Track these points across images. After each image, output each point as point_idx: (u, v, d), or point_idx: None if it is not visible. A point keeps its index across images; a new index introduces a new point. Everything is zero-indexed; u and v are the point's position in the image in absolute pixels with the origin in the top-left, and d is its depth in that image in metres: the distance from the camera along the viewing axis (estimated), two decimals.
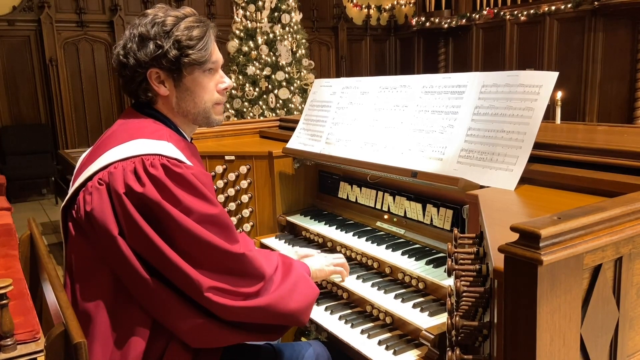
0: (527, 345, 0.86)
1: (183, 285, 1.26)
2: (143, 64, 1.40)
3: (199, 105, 1.49)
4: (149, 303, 1.28)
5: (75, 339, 1.06)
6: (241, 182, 2.40)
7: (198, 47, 1.42)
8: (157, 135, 1.39)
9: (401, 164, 1.79)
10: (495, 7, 8.69)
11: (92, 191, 1.29)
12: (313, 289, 1.50)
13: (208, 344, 1.35)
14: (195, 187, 1.29)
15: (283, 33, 6.47)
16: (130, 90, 1.47)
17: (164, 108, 1.49)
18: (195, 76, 1.45)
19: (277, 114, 6.36)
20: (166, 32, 1.40)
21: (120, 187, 1.25)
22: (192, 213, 1.25)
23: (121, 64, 1.44)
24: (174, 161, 1.30)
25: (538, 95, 1.50)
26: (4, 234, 3.61)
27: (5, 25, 7.48)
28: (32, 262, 1.79)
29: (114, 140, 1.38)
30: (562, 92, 3.41)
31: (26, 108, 7.76)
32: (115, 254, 1.25)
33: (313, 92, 2.42)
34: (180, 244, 1.24)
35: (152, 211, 1.24)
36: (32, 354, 2.06)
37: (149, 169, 1.27)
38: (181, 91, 1.46)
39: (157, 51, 1.39)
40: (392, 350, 1.48)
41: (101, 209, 1.26)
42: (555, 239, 0.84)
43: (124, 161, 1.29)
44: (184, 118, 1.51)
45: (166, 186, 1.25)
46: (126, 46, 1.42)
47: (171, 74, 1.43)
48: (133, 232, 1.24)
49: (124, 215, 1.24)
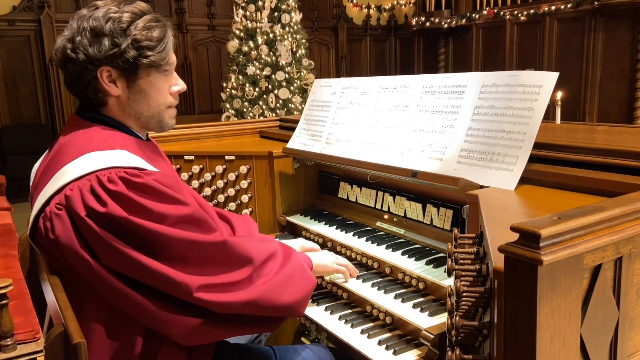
0: (527, 345, 0.86)
1: (171, 291, 1.21)
2: (95, 61, 1.30)
3: (152, 108, 1.41)
4: (138, 315, 1.24)
5: (74, 339, 1.06)
6: (241, 182, 2.40)
7: (158, 49, 1.35)
8: (108, 144, 1.29)
9: (401, 164, 1.79)
10: (495, 7, 8.69)
11: (52, 217, 1.20)
12: (310, 279, 1.45)
13: (202, 341, 1.32)
14: (161, 192, 1.21)
15: (283, 33, 6.48)
16: (77, 88, 1.36)
17: (114, 109, 1.39)
18: (150, 78, 1.37)
19: (277, 114, 6.37)
20: (122, 30, 1.31)
21: (80, 210, 1.17)
22: (167, 219, 1.20)
23: (67, 59, 1.32)
24: (133, 171, 1.22)
25: (538, 95, 1.50)
26: (4, 233, 3.61)
27: (5, 25, 7.48)
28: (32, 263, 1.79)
29: (64, 156, 1.28)
30: (562, 92, 3.41)
31: (26, 108, 7.77)
32: (92, 276, 1.20)
33: (313, 92, 2.42)
34: (162, 251, 1.19)
35: (121, 227, 1.17)
36: (32, 354, 2.07)
37: (107, 186, 1.19)
38: (134, 92, 1.37)
39: (113, 49, 1.30)
40: (392, 350, 1.48)
41: (65, 235, 1.18)
42: (555, 239, 0.84)
43: (78, 180, 1.21)
44: (136, 121, 1.42)
45: (132, 199, 1.18)
46: (74, 39, 1.31)
47: (124, 74, 1.34)
48: (105, 251, 1.18)
49: (91, 237, 1.17)
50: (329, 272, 1.76)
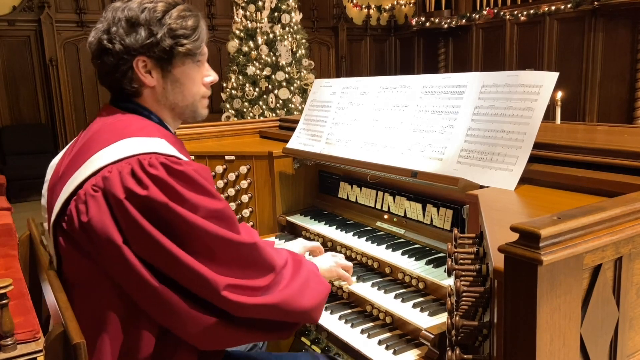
0: (527, 345, 0.86)
1: (197, 288, 1.19)
2: (131, 51, 1.31)
3: (187, 98, 1.42)
4: (156, 310, 1.21)
5: (74, 339, 1.05)
6: (241, 182, 2.40)
7: (193, 37, 1.36)
8: (146, 132, 1.29)
9: (401, 164, 1.79)
10: (495, 7, 8.69)
11: (87, 199, 1.18)
12: (325, 285, 1.44)
13: (218, 345, 1.31)
14: (198, 183, 1.21)
15: (283, 33, 6.48)
16: (112, 80, 1.37)
17: (149, 100, 1.39)
18: (185, 67, 1.38)
19: (277, 114, 6.37)
20: (158, 19, 1.32)
21: (119, 192, 1.15)
22: (199, 210, 1.18)
23: (103, 50, 1.32)
24: (173, 158, 1.22)
25: (538, 95, 1.50)
26: (4, 234, 3.61)
27: (5, 25, 7.48)
28: (32, 263, 1.79)
29: (99, 142, 1.27)
30: (562, 92, 3.41)
31: (26, 108, 7.77)
32: (119, 264, 1.17)
33: (313, 92, 2.42)
34: (192, 243, 1.17)
35: (159, 214, 1.15)
36: (32, 354, 2.07)
37: (149, 169, 1.17)
38: (169, 82, 1.38)
39: (149, 39, 1.31)
40: (392, 350, 1.48)
41: (100, 218, 1.16)
42: (555, 239, 0.84)
43: (117, 163, 1.19)
44: (171, 111, 1.43)
45: (170, 185, 1.16)
46: (110, 30, 1.31)
47: (160, 64, 1.35)
48: (139, 238, 1.15)
49: (127, 221, 1.15)
50: (334, 277, 1.77)
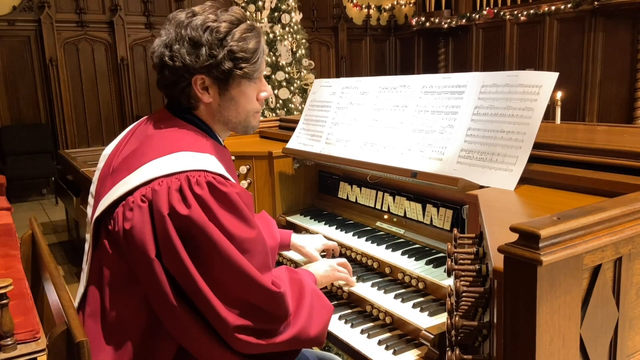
0: (526, 345, 0.87)
1: (210, 318, 1.21)
2: (191, 70, 1.33)
3: (240, 115, 1.44)
4: (171, 325, 1.23)
5: (77, 338, 1.06)
6: (241, 182, 2.40)
7: (252, 60, 1.38)
8: (200, 146, 1.31)
9: (401, 164, 1.79)
10: (495, 7, 8.69)
11: (134, 208, 1.21)
12: (328, 307, 1.44)
13: None
14: (238, 208, 1.22)
15: (283, 33, 6.48)
16: (170, 93, 1.40)
17: (204, 114, 1.42)
18: (242, 87, 1.41)
19: (277, 114, 6.36)
20: (219, 40, 1.33)
21: (164, 207, 1.18)
22: (234, 238, 1.19)
23: (164, 65, 1.35)
24: (220, 178, 1.23)
25: (538, 95, 1.51)
26: (4, 233, 3.61)
27: (5, 25, 7.47)
28: (34, 262, 1.79)
29: (154, 149, 1.30)
30: (562, 92, 3.41)
31: (26, 108, 7.76)
32: (148, 275, 1.20)
33: (313, 92, 2.42)
34: (215, 271, 1.18)
35: (194, 235, 1.18)
36: (32, 354, 2.07)
37: (195, 188, 1.20)
38: (225, 100, 1.41)
39: (209, 60, 1.32)
40: (392, 350, 1.48)
41: (141, 228, 1.19)
42: (554, 239, 0.84)
43: (168, 177, 1.22)
44: (224, 126, 1.46)
45: (209, 207, 1.19)
46: (172, 47, 1.33)
47: (217, 82, 1.37)
48: (169, 254, 1.18)
49: (163, 237, 1.18)
50: (332, 280, 1.76)
